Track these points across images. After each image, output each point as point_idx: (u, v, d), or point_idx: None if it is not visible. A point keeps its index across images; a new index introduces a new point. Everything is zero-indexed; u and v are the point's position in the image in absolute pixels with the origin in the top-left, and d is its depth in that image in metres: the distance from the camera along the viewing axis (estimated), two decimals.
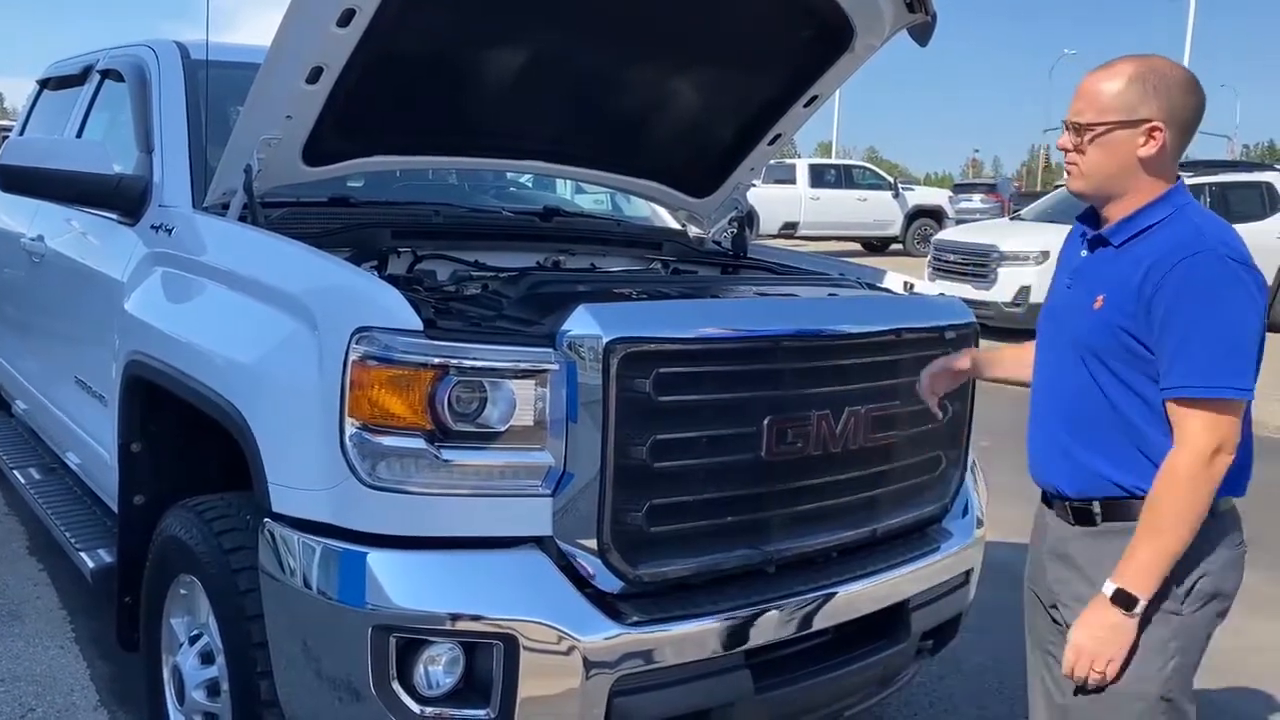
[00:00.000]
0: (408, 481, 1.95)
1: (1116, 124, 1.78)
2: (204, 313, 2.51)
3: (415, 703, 1.94)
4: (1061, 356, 1.90)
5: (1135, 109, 1.77)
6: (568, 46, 2.83)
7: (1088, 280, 1.87)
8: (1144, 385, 1.78)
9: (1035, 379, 2.01)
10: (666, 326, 2.06)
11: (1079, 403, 1.85)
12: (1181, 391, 1.72)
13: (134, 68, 3.34)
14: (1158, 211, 1.80)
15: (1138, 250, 1.79)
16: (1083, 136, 1.81)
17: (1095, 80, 1.82)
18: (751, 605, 2.15)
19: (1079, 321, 1.85)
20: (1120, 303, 1.77)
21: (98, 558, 3.03)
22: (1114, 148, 1.79)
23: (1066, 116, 1.84)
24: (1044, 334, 2.00)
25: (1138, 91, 1.77)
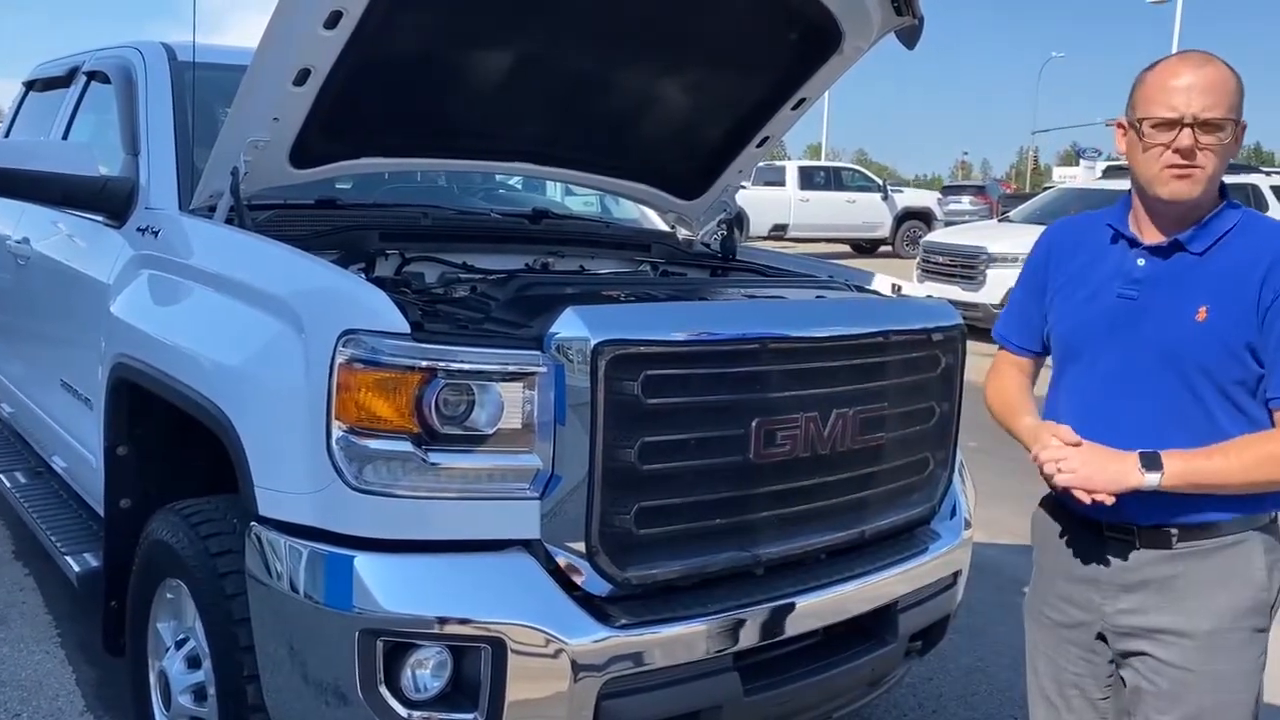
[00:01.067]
0: (395, 485, 1.94)
1: (1239, 122, 1.72)
2: (190, 315, 2.50)
3: (402, 707, 1.93)
4: (1140, 372, 1.77)
5: (1241, 107, 1.72)
6: (556, 48, 2.83)
7: (1171, 290, 1.76)
8: (1247, 400, 1.72)
9: (1080, 400, 1.86)
10: (655, 329, 2.05)
11: (1166, 422, 1.74)
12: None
13: (120, 69, 3.32)
14: (1231, 216, 1.75)
15: (1230, 256, 1.72)
16: (1220, 134, 1.69)
17: (1211, 75, 1.70)
18: (740, 607, 2.14)
19: (1174, 334, 1.73)
20: (1234, 313, 1.69)
21: (84, 562, 3.01)
22: (1230, 150, 1.72)
23: (1182, 114, 1.68)
24: (1092, 351, 1.85)
25: (1240, 89, 1.72)
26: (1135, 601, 1.82)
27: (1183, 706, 1.78)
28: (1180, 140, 1.69)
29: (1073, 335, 1.89)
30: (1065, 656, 1.95)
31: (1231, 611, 1.76)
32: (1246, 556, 1.77)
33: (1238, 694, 1.76)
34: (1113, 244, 1.85)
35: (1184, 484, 1.69)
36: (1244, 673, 1.77)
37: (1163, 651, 1.79)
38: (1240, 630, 1.76)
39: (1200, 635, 1.76)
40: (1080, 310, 1.87)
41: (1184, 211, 1.77)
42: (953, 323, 2.58)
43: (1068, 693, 1.96)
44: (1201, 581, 1.76)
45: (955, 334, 2.57)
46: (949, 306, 2.66)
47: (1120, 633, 1.85)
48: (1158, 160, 1.72)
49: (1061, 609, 1.94)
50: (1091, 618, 1.89)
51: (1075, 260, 1.90)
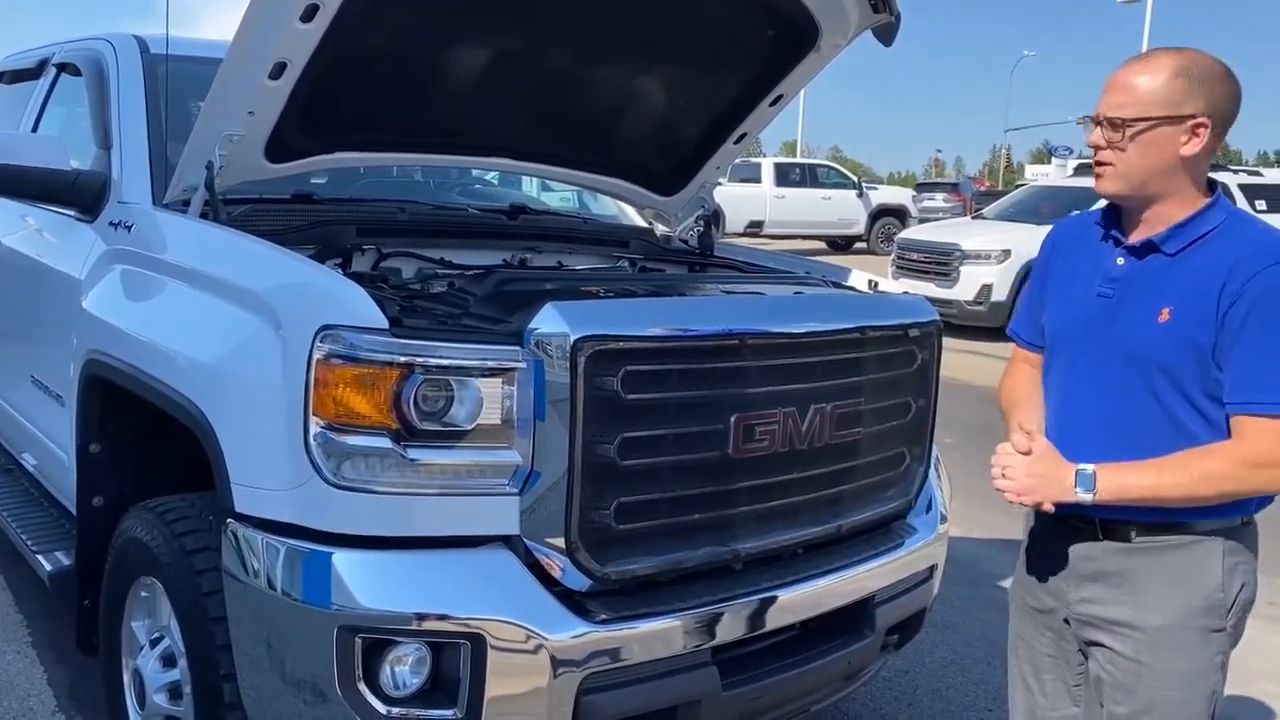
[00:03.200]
0: (373, 481, 1.93)
1: (1161, 120, 1.68)
2: (165, 311, 2.47)
3: (381, 703, 1.92)
4: (1107, 371, 1.78)
5: (1180, 104, 1.68)
6: (533, 44, 2.82)
7: (1141, 290, 1.76)
8: (1207, 403, 1.71)
9: (1060, 398, 1.89)
10: (634, 324, 2.06)
11: (1129, 421, 1.75)
12: (1260, 407, 1.65)
13: (91, 61, 3.28)
14: (1213, 217, 1.73)
15: (1202, 259, 1.71)
16: (1121, 133, 1.70)
17: (1135, 73, 1.72)
18: (718, 602, 2.15)
19: (1138, 334, 1.74)
20: (1195, 315, 1.69)
21: (55, 561, 2.97)
22: (1156, 145, 1.69)
23: (1098, 111, 1.73)
24: (1072, 348, 1.86)
25: (1182, 86, 1.68)
26: (1094, 592, 1.84)
27: (1135, 699, 1.80)
28: (1090, 138, 1.75)
29: (1057, 331, 1.90)
30: (1040, 642, 1.99)
31: (1184, 610, 1.77)
32: (1204, 557, 1.77)
33: (1189, 691, 1.77)
34: (1102, 242, 1.86)
35: (1117, 499, 1.71)
36: (1196, 671, 1.77)
37: (1117, 643, 1.81)
38: (1192, 629, 1.76)
39: (1151, 630, 1.77)
40: (1066, 307, 1.89)
41: (1137, 209, 1.78)
42: (929, 319, 2.60)
43: (1043, 677, 1.99)
44: (1157, 578, 1.78)
45: (932, 330, 2.59)
46: (926, 303, 2.68)
47: (1081, 621, 1.87)
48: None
49: (1037, 595, 1.97)
50: (1059, 605, 1.92)
51: (1071, 258, 1.92)
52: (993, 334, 10.76)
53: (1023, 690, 2.04)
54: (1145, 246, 1.78)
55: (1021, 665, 2.04)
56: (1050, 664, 1.98)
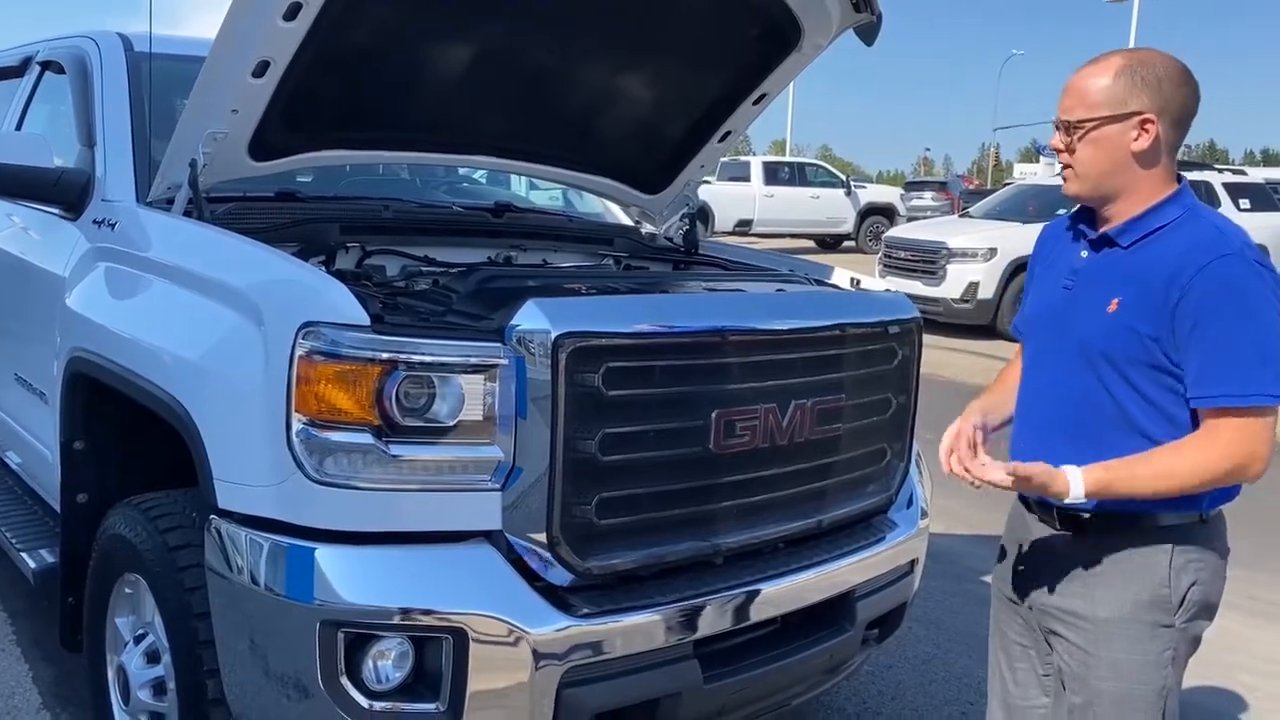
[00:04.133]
0: (356, 477, 1.94)
1: (1106, 119, 1.73)
2: (148, 308, 2.48)
3: (364, 698, 1.94)
4: (1061, 359, 1.83)
5: (1124, 102, 1.72)
6: (517, 42, 2.83)
7: (1095, 282, 1.81)
8: (1158, 392, 1.74)
9: (1026, 385, 1.94)
10: (615, 321, 2.07)
11: (1082, 409, 1.79)
12: (1220, 400, 1.67)
13: (75, 59, 3.27)
14: (1169, 211, 1.76)
15: (1153, 251, 1.75)
16: (1073, 135, 1.76)
17: (1083, 76, 1.77)
18: (699, 596, 2.17)
19: (1088, 324, 1.78)
20: (1140, 306, 1.72)
21: (40, 558, 2.97)
22: (1105, 144, 1.74)
23: (1058, 114, 1.79)
24: (1039, 337, 1.92)
25: (1125, 84, 1.72)
26: (1052, 583, 1.89)
27: (1086, 689, 1.84)
28: (1052, 142, 1.81)
29: (1029, 323, 1.96)
30: (1013, 630, 2.03)
31: (1133, 603, 1.79)
32: (1154, 553, 1.80)
33: (1138, 684, 1.79)
34: (1074, 240, 1.91)
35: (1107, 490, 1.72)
36: (1145, 664, 1.79)
37: (1070, 633, 1.86)
38: (1140, 623, 1.79)
39: (1099, 622, 1.81)
40: (1038, 301, 1.95)
41: (1101, 207, 1.82)
42: (909, 316, 2.62)
43: (1016, 666, 2.03)
44: (1108, 571, 1.81)
45: (912, 327, 2.62)
46: (906, 300, 2.70)
47: (1041, 610, 1.92)
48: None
49: (1009, 585, 2.01)
50: (1022, 593, 1.97)
51: (1051, 255, 1.97)
52: (979, 331, 10.82)
53: (999, 678, 2.08)
54: (1102, 240, 1.83)
55: (998, 653, 2.08)
56: (1021, 652, 2.02)
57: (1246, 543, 4.98)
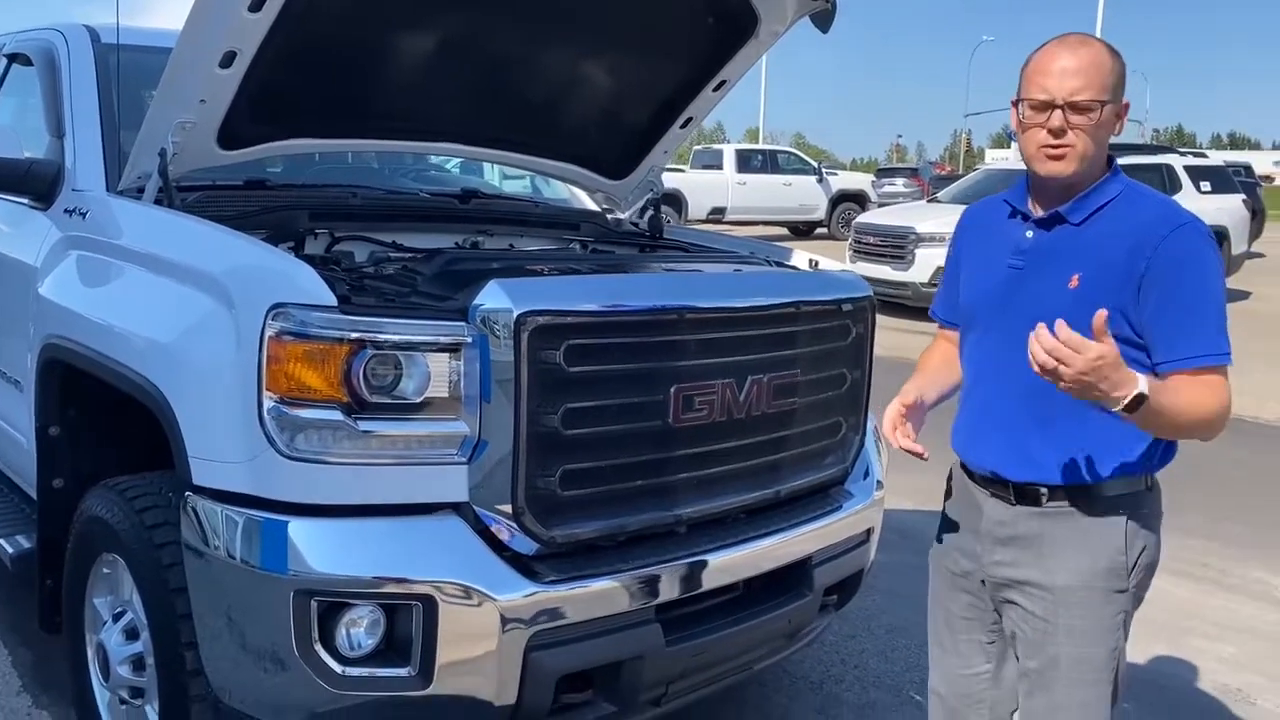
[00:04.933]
0: (326, 452, 2.01)
1: (1110, 101, 1.78)
2: (121, 294, 2.53)
3: (338, 664, 2.02)
4: (1019, 337, 1.77)
5: (1119, 89, 1.79)
6: (479, 30, 2.90)
7: (1050, 259, 1.85)
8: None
9: (978, 370, 1.96)
10: (575, 300, 2.15)
11: (1049, 388, 1.75)
12: (1197, 361, 1.73)
13: (42, 51, 3.31)
14: (1112, 188, 1.83)
15: (1105, 226, 1.81)
16: (1085, 116, 1.76)
17: (1086, 55, 1.77)
18: (661, 563, 2.26)
19: (1045, 300, 1.80)
20: (1102, 279, 1.77)
21: (16, 544, 3.02)
22: (1106, 127, 1.78)
23: (1053, 96, 1.77)
24: (985, 320, 1.95)
25: (1121, 71, 1.79)
26: (1007, 554, 1.95)
27: (1044, 655, 1.92)
28: (1051, 121, 1.78)
29: (971, 305, 1.99)
30: (956, 602, 2.09)
31: (1090, 571, 1.88)
32: (1109, 521, 1.87)
33: (1093, 648, 1.89)
34: (1010, 219, 1.96)
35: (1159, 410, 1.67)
36: (1100, 629, 1.88)
37: (1028, 602, 1.93)
38: (1096, 589, 1.87)
39: (1058, 590, 1.89)
40: (978, 282, 1.98)
41: (1065, 186, 1.84)
42: (863, 294, 2.72)
43: (958, 636, 2.10)
44: (1065, 540, 1.89)
45: (865, 304, 2.71)
46: (859, 279, 2.80)
47: (996, 582, 1.98)
48: (1035, 139, 1.81)
49: (954, 558, 2.07)
50: (975, 567, 2.02)
51: (981, 238, 2.02)
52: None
53: (938, 647, 2.15)
54: (1053, 218, 1.87)
55: (937, 625, 2.14)
56: (964, 625, 2.07)
57: (1199, 515, 5.16)
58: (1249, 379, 8.49)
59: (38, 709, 3.00)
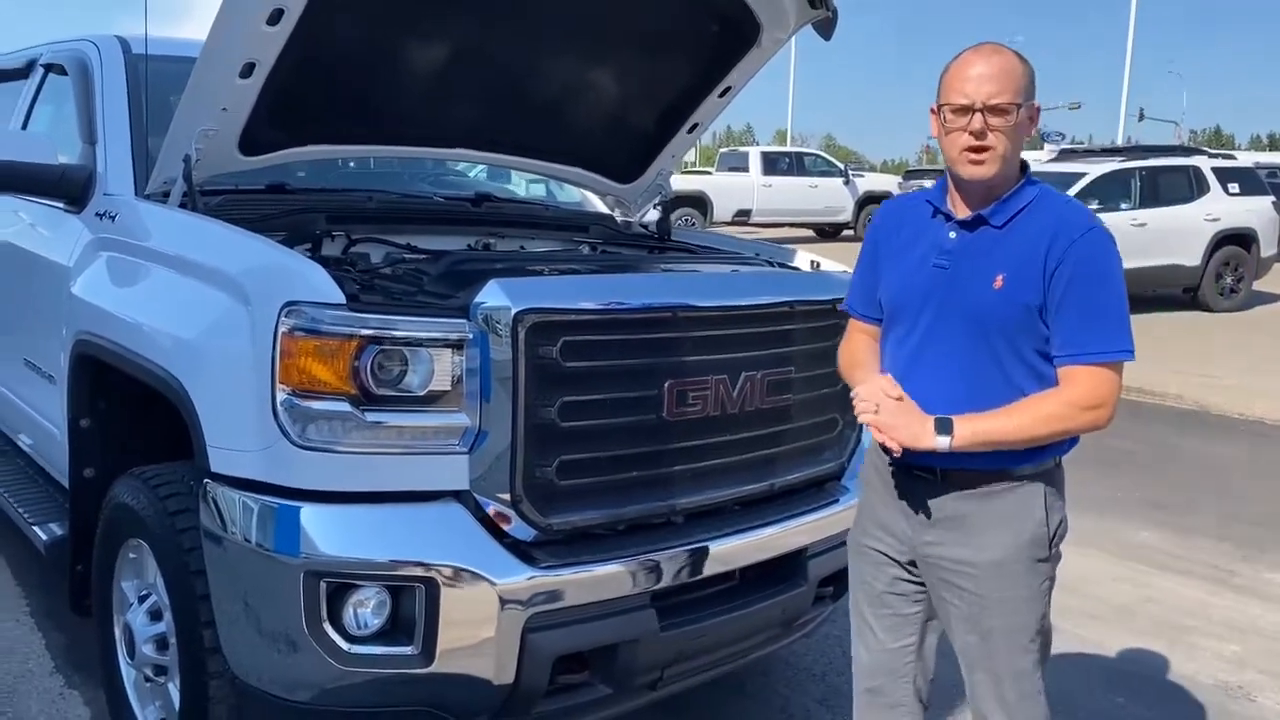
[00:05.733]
0: (335, 442, 2.13)
1: (1024, 104, 1.89)
2: (147, 293, 2.67)
3: (345, 642, 2.13)
4: (948, 335, 1.95)
5: (1030, 93, 1.90)
6: (490, 39, 3.01)
7: (975, 260, 1.94)
8: (1038, 360, 1.92)
9: (904, 365, 2.03)
10: (572, 298, 2.26)
11: (977, 383, 1.92)
12: (1092, 357, 1.86)
13: (76, 61, 3.46)
14: (1029, 192, 1.94)
15: (1025, 228, 1.91)
16: (1005, 118, 1.87)
17: (1002, 64, 1.89)
18: (655, 551, 2.36)
19: (974, 300, 1.91)
20: (1024, 279, 1.88)
21: (50, 531, 3.17)
22: (1022, 129, 1.90)
23: (972, 100, 1.87)
24: (906, 313, 2.03)
25: (1030, 76, 1.90)
26: (937, 535, 2.04)
27: (980, 629, 2.01)
28: (972, 124, 1.88)
29: (896, 302, 2.07)
30: (881, 580, 2.16)
31: (1015, 544, 1.98)
32: (1029, 497, 1.99)
33: (1024, 616, 2.00)
34: (932, 219, 2.05)
35: (972, 445, 1.88)
36: (1029, 597, 1.99)
37: (961, 580, 2.02)
38: (1023, 560, 1.98)
39: (990, 565, 1.99)
40: (903, 279, 2.06)
41: (986, 189, 1.94)
42: None
43: (879, 610, 2.18)
44: (991, 518, 1.99)
45: None
46: None
47: (928, 562, 2.07)
48: (957, 143, 1.91)
49: (880, 538, 2.15)
50: (904, 547, 2.10)
51: (900, 234, 2.10)
52: None
53: (865, 627, 2.21)
54: (976, 220, 1.97)
55: (861, 606, 2.21)
56: (891, 600, 2.15)
57: (1211, 516, 5.18)
58: (1275, 380, 8.47)
59: (70, 689, 3.15)
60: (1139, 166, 12.21)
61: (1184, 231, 11.93)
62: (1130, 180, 12.05)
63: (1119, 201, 11.81)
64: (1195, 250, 12.06)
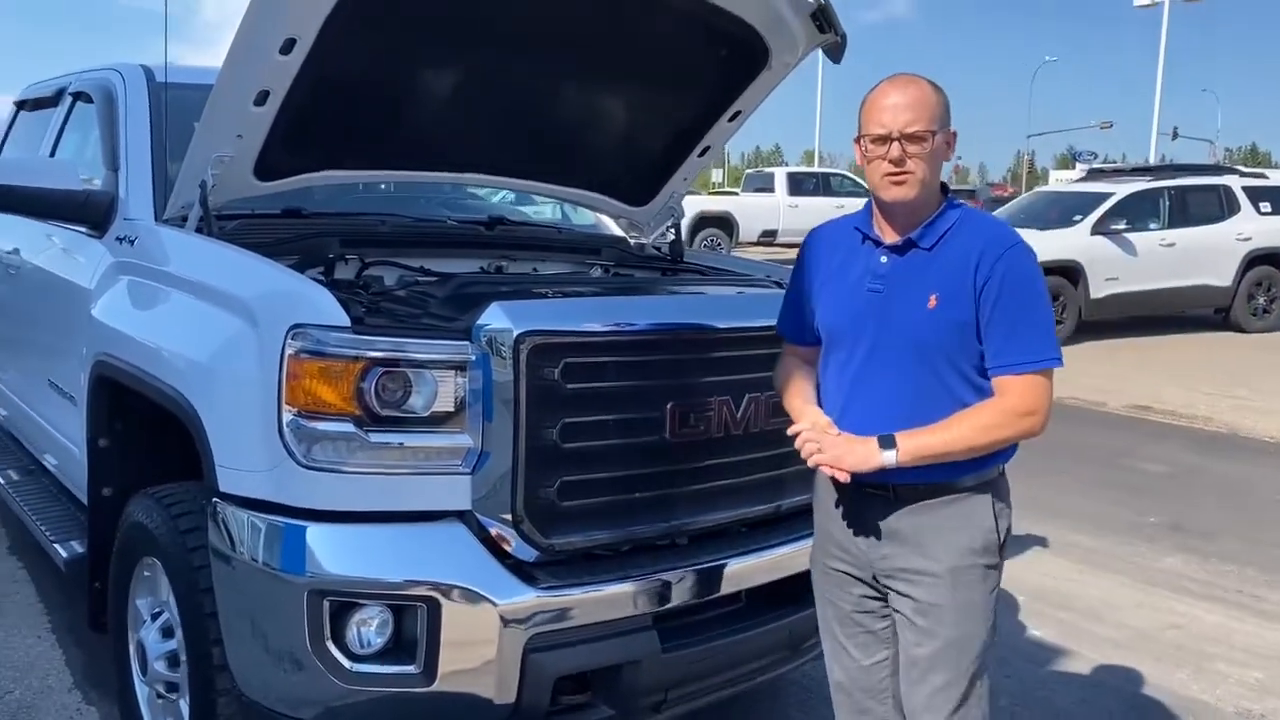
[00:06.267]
0: (340, 462, 2.16)
1: (939, 131, 1.98)
2: (161, 315, 2.73)
3: (348, 660, 2.15)
4: (888, 359, 2.01)
5: (946, 119, 2.00)
6: (500, 65, 3.06)
7: (908, 283, 2.00)
8: (976, 375, 1.98)
9: (845, 389, 2.07)
10: (573, 320, 2.28)
11: (921, 402, 1.98)
12: (1022, 366, 1.94)
13: (102, 90, 3.56)
14: (953, 215, 2.02)
15: (951, 249, 1.98)
16: (921, 145, 1.96)
17: (917, 93, 1.99)
18: (658, 572, 2.37)
19: (909, 320, 1.98)
20: (953, 297, 1.95)
21: (70, 549, 3.24)
22: (938, 155, 2.00)
23: (889, 130, 1.96)
24: (845, 339, 2.07)
25: (944, 104, 2.01)
26: (892, 548, 2.06)
27: (936, 637, 2.03)
28: (891, 152, 1.96)
29: (833, 326, 2.11)
30: (845, 599, 2.18)
31: (968, 551, 2.02)
32: (977, 506, 2.03)
33: (976, 623, 2.04)
34: (862, 244, 2.10)
35: (916, 459, 1.93)
36: (980, 603, 2.04)
37: (916, 590, 2.04)
38: (976, 567, 2.02)
39: (944, 574, 2.02)
40: (838, 304, 2.10)
41: (909, 212, 2.01)
42: None
43: (849, 629, 2.19)
44: (942, 528, 2.02)
45: None
46: None
47: (884, 575, 2.09)
48: (879, 169, 1.99)
49: (838, 556, 2.16)
50: (862, 563, 2.12)
51: (833, 260, 2.14)
52: None
53: (831, 640, 2.23)
54: (906, 244, 2.03)
55: (829, 622, 2.23)
56: (859, 618, 2.17)
57: (1237, 541, 5.12)
58: None
59: (87, 705, 3.20)
60: (1168, 186, 12.09)
61: (1215, 251, 11.79)
62: (1159, 200, 11.94)
63: (1148, 221, 11.71)
64: (1226, 270, 11.91)
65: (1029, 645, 3.94)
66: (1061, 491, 5.86)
